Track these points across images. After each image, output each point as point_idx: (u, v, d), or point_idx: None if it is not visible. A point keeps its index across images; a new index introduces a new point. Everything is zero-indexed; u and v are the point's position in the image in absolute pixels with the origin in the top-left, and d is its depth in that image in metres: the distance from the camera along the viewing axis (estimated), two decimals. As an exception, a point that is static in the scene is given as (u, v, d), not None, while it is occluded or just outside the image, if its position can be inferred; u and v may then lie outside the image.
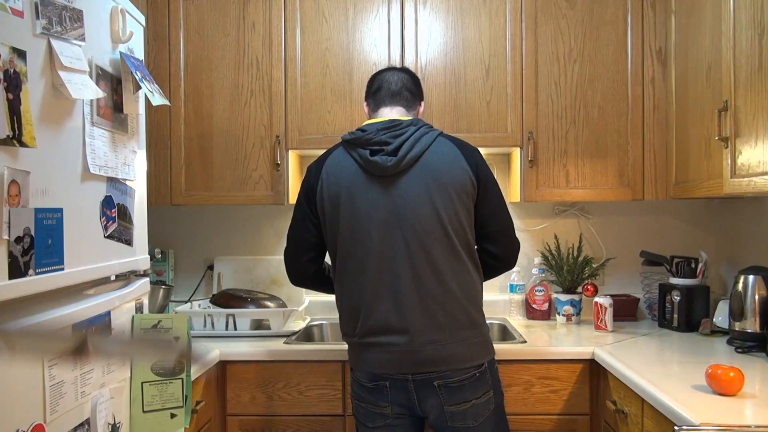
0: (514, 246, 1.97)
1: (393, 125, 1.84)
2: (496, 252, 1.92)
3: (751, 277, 2.12)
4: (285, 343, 2.30)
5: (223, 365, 2.20)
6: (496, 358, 2.18)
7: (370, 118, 1.96)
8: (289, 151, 2.54)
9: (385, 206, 1.79)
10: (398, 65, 2.48)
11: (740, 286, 2.14)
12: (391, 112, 1.91)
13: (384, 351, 1.79)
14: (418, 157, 1.80)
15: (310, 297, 2.76)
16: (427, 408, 1.80)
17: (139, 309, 1.68)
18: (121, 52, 1.59)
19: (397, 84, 1.93)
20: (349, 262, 1.83)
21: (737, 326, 2.14)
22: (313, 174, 1.90)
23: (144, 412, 1.61)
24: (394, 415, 1.84)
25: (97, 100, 1.45)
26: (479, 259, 1.89)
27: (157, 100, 1.69)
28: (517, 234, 2.46)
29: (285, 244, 2.01)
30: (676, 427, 1.44)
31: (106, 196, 1.51)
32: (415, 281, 1.77)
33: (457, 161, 1.82)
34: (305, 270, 1.99)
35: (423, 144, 1.81)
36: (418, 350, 1.76)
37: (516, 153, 2.60)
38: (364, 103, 2.01)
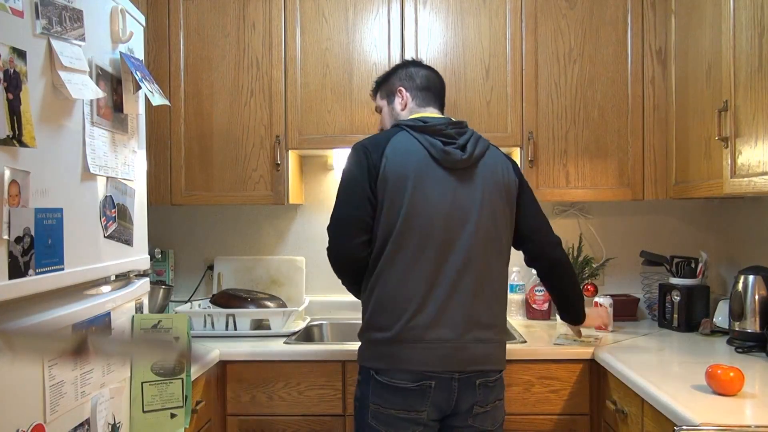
0: (553, 240, 1.98)
1: (456, 123, 1.89)
2: (533, 250, 1.97)
3: (751, 277, 2.12)
4: (285, 343, 2.30)
5: (223, 365, 2.20)
6: (497, 358, 2.19)
7: (407, 110, 1.96)
8: (289, 151, 2.54)
9: (452, 199, 1.79)
10: (398, 65, 2.48)
11: (740, 286, 2.14)
12: (438, 114, 1.96)
13: (431, 347, 1.73)
14: (481, 157, 1.85)
15: (310, 297, 2.76)
16: (461, 407, 1.77)
17: (139, 309, 1.68)
18: (121, 52, 1.59)
19: (442, 89, 2.02)
20: (403, 250, 1.76)
21: (737, 326, 2.14)
22: (374, 152, 1.82)
23: (144, 412, 1.61)
24: (429, 421, 1.76)
25: (97, 100, 1.45)
26: (538, 272, 2.05)
27: (157, 100, 1.69)
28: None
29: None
30: (676, 427, 1.44)
31: (106, 196, 1.51)
32: (469, 278, 1.77)
33: (506, 166, 1.91)
34: (358, 254, 1.81)
35: (482, 146, 1.87)
36: (467, 347, 1.75)
37: (516, 153, 2.59)
38: (406, 93, 1.97)
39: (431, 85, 1.98)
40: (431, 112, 1.95)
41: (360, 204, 1.80)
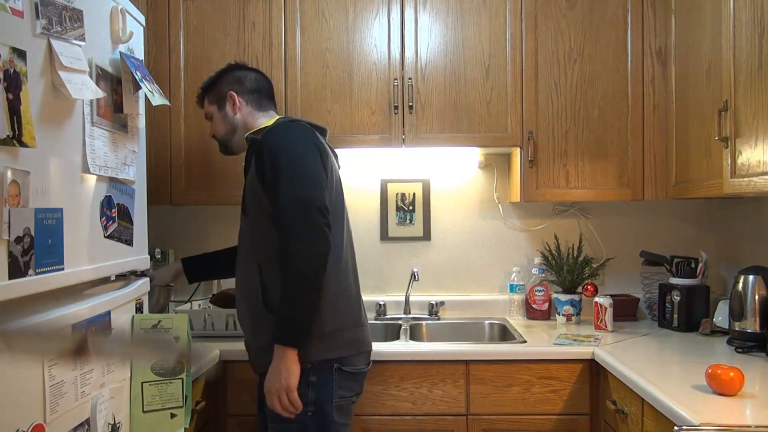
0: None
1: None
2: None
3: (751, 277, 2.12)
4: (285, 343, 2.30)
5: (223, 365, 2.20)
6: (497, 358, 2.19)
7: (245, 114, 2.02)
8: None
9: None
10: (398, 65, 2.48)
11: (740, 286, 2.14)
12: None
13: (367, 328, 1.92)
14: None
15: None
16: None
17: (139, 309, 1.68)
18: (121, 52, 1.59)
19: (272, 90, 2.11)
20: (341, 246, 1.83)
21: (737, 326, 2.14)
22: (315, 134, 1.88)
23: (144, 412, 1.61)
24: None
25: (97, 100, 1.45)
26: None
27: (157, 100, 1.69)
28: (517, 234, 2.46)
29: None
30: (676, 427, 1.44)
31: (106, 196, 1.51)
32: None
33: None
34: (327, 239, 1.69)
35: None
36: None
37: (516, 153, 2.60)
38: (239, 98, 2.01)
39: (264, 87, 2.06)
40: (272, 117, 2.02)
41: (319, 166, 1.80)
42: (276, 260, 1.71)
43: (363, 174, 2.85)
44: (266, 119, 2.02)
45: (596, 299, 2.50)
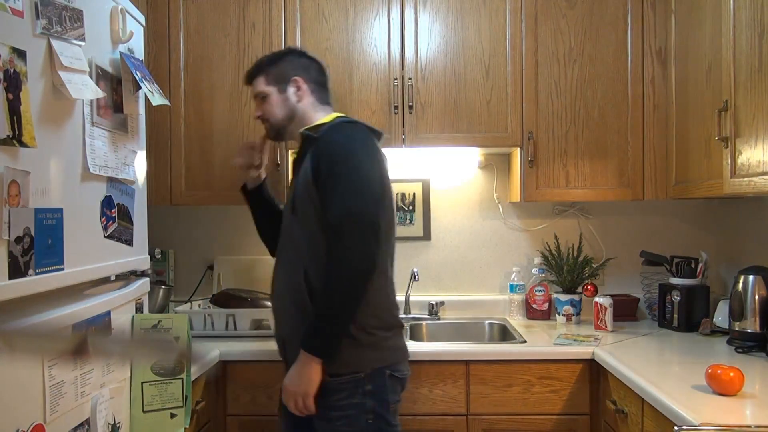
0: None
1: None
2: None
3: (751, 277, 2.12)
4: (285, 343, 2.30)
5: (223, 365, 2.20)
6: (497, 358, 2.19)
7: (307, 104, 1.93)
8: (289, 151, 2.54)
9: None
10: (398, 65, 2.48)
11: (740, 286, 2.14)
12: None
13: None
14: None
15: (310, 297, 2.76)
16: None
17: (139, 309, 1.68)
18: (121, 52, 1.59)
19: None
20: (391, 256, 1.86)
21: (737, 326, 2.14)
22: (374, 140, 1.84)
23: (144, 412, 1.61)
24: None
25: (97, 100, 1.45)
26: None
27: (157, 100, 1.69)
28: (517, 234, 2.45)
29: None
30: (676, 427, 1.44)
31: (106, 196, 1.51)
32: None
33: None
34: (374, 259, 1.67)
35: None
36: None
37: (516, 153, 2.60)
38: (306, 86, 1.93)
39: (324, 80, 1.99)
40: (330, 113, 1.95)
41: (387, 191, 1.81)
42: (322, 265, 1.68)
43: (363, 174, 2.85)
44: (324, 114, 1.93)
45: (596, 299, 2.50)
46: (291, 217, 1.82)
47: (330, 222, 1.66)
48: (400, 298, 2.75)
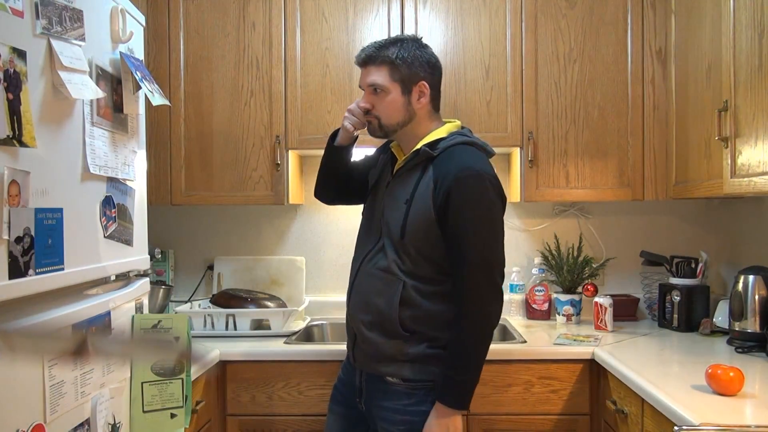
0: None
1: None
2: None
3: (751, 277, 2.12)
4: (285, 343, 2.30)
5: (223, 365, 2.20)
6: (497, 358, 2.18)
7: (425, 112, 1.80)
8: (289, 151, 2.54)
9: None
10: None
11: (740, 286, 2.14)
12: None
13: None
14: None
15: (310, 297, 2.76)
16: None
17: (139, 309, 1.68)
18: (121, 52, 1.59)
19: None
20: None
21: (737, 326, 2.14)
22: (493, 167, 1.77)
23: (144, 412, 1.61)
24: None
25: (97, 100, 1.45)
26: None
27: (157, 100, 1.69)
28: (517, 234, 2.43)
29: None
30: (676, 427, 1.44)
31: (106, 196, 1.50)
32: None
33: None
34: (502, 300, 1.73)
35: None
36: None
37: (516, 153, 2.59)
38: (429, 93, 1.78)
39: (440, 84, 1.86)
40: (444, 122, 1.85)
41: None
42: (422, 285, 1.70)
43: (363, 174, 2.85)
44: (438, 125, 1.82)
45: (596, 299, 2.50)
46: (396, 235, 1.71)
47: (462, 271, 1.66)
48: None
